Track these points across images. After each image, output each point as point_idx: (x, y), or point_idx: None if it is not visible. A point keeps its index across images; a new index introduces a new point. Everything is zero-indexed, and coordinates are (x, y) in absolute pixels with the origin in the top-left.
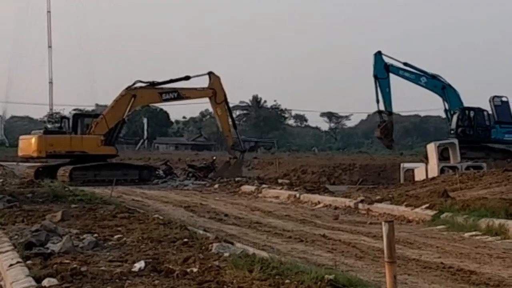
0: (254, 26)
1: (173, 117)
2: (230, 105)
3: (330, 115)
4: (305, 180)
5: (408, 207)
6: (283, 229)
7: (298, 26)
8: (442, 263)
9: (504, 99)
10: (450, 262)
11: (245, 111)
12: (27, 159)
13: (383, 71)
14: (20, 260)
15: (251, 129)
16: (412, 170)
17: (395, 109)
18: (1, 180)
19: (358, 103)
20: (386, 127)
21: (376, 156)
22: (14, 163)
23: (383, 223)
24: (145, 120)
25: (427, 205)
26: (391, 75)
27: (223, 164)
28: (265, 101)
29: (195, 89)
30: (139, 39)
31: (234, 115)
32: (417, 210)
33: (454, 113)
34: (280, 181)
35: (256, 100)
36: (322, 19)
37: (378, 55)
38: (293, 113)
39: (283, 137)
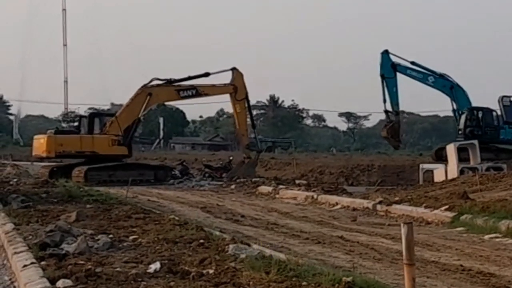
0: (272, 24)
1: (189, 117)
2: None
3: (348, 115)
4: (322, 181)
5: (427, 209)
6: (301, 230)
7: (317, 24)
8: (461, 265)
9: None
10: (470, 264)
11: (262, 111)
12: (40, 159)
13: (390, 70)
14: (34, 261)
15: (268, 129)
16: (431, 171)
17: (414, 109)
18: (15, 180)
19: (377, 103)
20: (393, 127)
21: (395, 156)
22: (29, 163)
23: (401, 224)
24: (161, 120)
25: (446, 206)
26: (399, 75)
27: (237, 163)
28: (282, 101)
29: (215, 85)
30: (155, 37)
31: None
32: (436, 211)
33: (462, 113)
34: (297, 182)
35: (273, 99)
36: (342, 16)
37: (385, 54)
38: (311, 113)
39: (300, 137)
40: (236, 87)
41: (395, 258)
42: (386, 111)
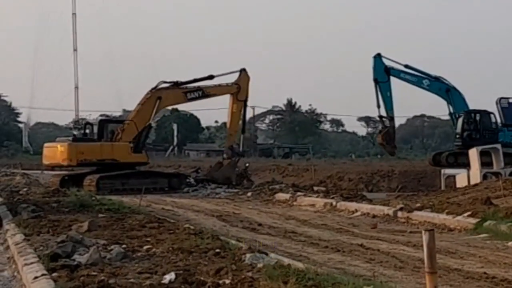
0: (289, 28)
1: (204, 123)
2: (263, 110)
3: (367, 119)
4: (341, 187)
5: (450, 215)
6: (319, 238)
7: (335, 27)
8: (485, 273)
9: (511, 100)
10: (494, 272)
11: (279, 116)
12: (53, 167)
13: (383, 74)
14: (45, 272)
15: (285, 134)
16: (454, 176)
17: (435, 113)
18: (25, 189)
19: (397, 107)
20: (388, 133)
21: (415, 162)
22: (39, 172)
23: (423, 231)
24: (175, 126)
25: (469, 212)
26: (392, 79)
27: (215, 164)
28: (299, 105)
29: (219, 85)
30: (165, 42)
31: (267, 120)
32: (459, 218)
33: (459, 116)
34: (315, 188)
35: (290, 104)
36: (359, 20)
37: (378, 57)
38: (329, 117)
39: (318, 142)
40: (239, 87)
41: (416, 266)
42: (380, 117)
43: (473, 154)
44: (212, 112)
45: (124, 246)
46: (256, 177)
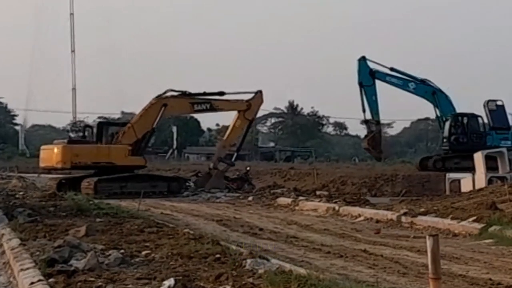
0: (291, 30)
1: (204, 125)
2: (265, 112)
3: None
4: (344, 191)
5: (454, 220)
6: (322, 243)
7: (337, 28)
8: (490, 279)
9: (499, 103)
10: (499, 278)
11: (280, 119)
12: (49, 170)
13: (368, 77)
14: (41, 278)
15: (287, 137)
16: (458, 180)
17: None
18: (21, 193)
19: (401, 110)
20: (374, 137)
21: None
22: (35, 175)
23: (427, 237)
24: (174, 129)
25: (474, 217)
26: (378, 82)
27: (204, 174)
28: (301, 108)
29: (229, 101)
30: (166, 44)
31: (268, 123)
32: (463, 223)
33: (446, 120)
34: (318, 193)
35: (292, 106)
36: (361, 21)
37: (363, 60)
38: (332, 120)
39: (321, 146)
40: (250, 106)
41: (420, 272)
42: (366, 121)
43: (478, 158)
44: (213, 114)
45: (122, 251)
46: (257, 181)
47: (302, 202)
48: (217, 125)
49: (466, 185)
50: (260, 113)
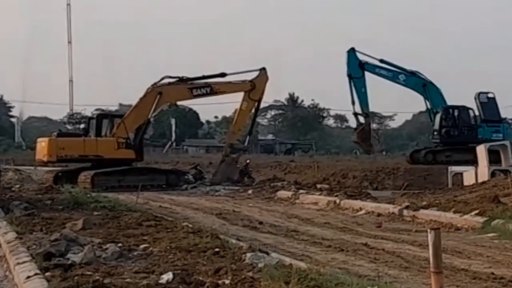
0: (290, 21)
1: (203, 117)
2: (265, 104)
3: (372, 115)
4: (345, 185)
5: (457, 214)
6: (322, 237)
7: (337, 20)
8: (493, 273)
9: (490, 95)
10: (502, 272)
11: (280, 111)
12: (43, 163)
13: (357, 69)
14: (38, 272)
15: (287, 130)
16: (461, 174)
17: None
18: (18, 186)
19: (403, 102)
20: (363, 130)
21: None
22: (32, 167)
23: (428, 230)
24: (173, 121)
25: (476, 211)
26: (367, 74)
27: (218, 165)
28: (302, 100)
29: (231, 82)
30: (165, 33)
31: (268, 115)
32: (466, 216)
33: (437, 112)
34: (319, 186)
35: (292, 98)
36: (362, 13)
37: (352, 52)
38: (333, 112)
39: (322, 138)
40: (254, 85)
41: (422, 266)
42: (355, 114)
43: (481, 151)
44: (212, 106)
45: (120, 244)
46: (257, 174)
47: (303, 196)
48: (216, 117)
49: (468, 178)
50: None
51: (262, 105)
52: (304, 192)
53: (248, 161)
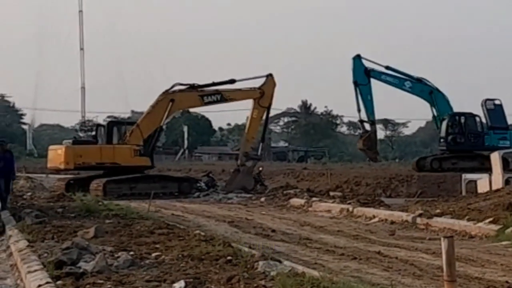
0: (303, 29)
1: (216, 125)
2: (277, 112)
3: (385, 122)
4: (358, 192)
5: (470, 222)
6: (335, 245)
7: (350, 27)
8: (507, 282)
9: (497, 102)
10: None
11: (293, 118)
12: (55, 171)
13: (363, 76)
14: (49, 280)
15: (300, 137)
16: (475, 181)
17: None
18: (29, 194)
19: (416, 110)
20: (369, 137)
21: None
22: (43, 175)
23: (442, 238)
24: (185, 128)
25: (491, 219)
26: (373, 81)
27: (233, 173)
28: (315, 107)
29: (240, 89)
30: (177, 41)
31: (281, 122)
32: (480, 224)
33: (443, 119)
34: (331, 193)
35: (305, 106)
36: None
37: (357, 59)
38: (346, 119)
39: (335, 145)
40: (263, 93)
41: (436, 275)
42: (361, 121)
43: (495, 158)
44: (225, 113)
45: (131, 253)
46: (270, 182)
47: (316, 203)
48: (228, 124)
49: (482, 186)
50: (272, 112)
51: (275, 112)
52: (317, 200)
53: (261, 168)
